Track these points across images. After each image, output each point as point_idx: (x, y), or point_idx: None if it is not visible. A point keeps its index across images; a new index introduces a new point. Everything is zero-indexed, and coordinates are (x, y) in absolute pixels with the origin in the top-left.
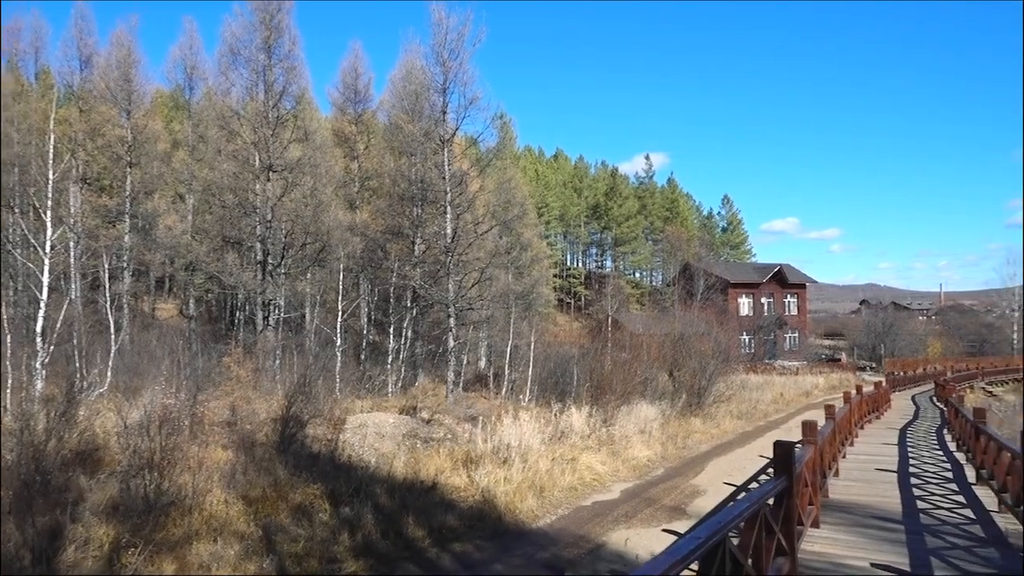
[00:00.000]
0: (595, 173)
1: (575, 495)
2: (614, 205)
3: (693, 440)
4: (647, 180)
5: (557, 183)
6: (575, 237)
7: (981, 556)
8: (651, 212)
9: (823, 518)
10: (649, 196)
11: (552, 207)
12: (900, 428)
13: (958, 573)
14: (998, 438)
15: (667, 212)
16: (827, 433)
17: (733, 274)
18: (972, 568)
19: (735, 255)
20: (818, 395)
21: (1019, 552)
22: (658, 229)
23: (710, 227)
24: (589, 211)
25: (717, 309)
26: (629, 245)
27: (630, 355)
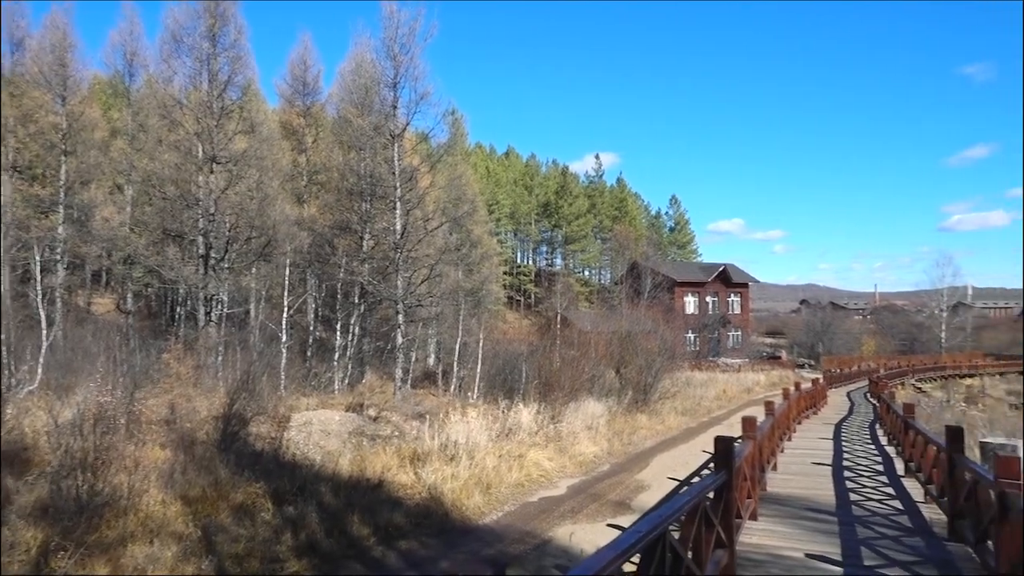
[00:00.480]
0: (546, 171)
1: (522, 491)
2: (564, 204)
3: (639, 436)
4: (597, 179)
5: (508, 181)
6: (525, 235)
7: (908, 545)
8: (601, 211)
9: (761, 511)
10: (599, 195)
11: (503, 205)
12: (835, 423)
13: (886, 562)
14: (925, 432)
15: (616, 211)
16: (766, 429)
17: (680, 273)
18: (899, 557)
19: (682, 255)
20: (759, 392)
21: (943, 540)
22: (607, 228)
23: (658, 227)
24: (540, 209)
25: (664, 307)
26: (579, 243)
27: (578, 352)
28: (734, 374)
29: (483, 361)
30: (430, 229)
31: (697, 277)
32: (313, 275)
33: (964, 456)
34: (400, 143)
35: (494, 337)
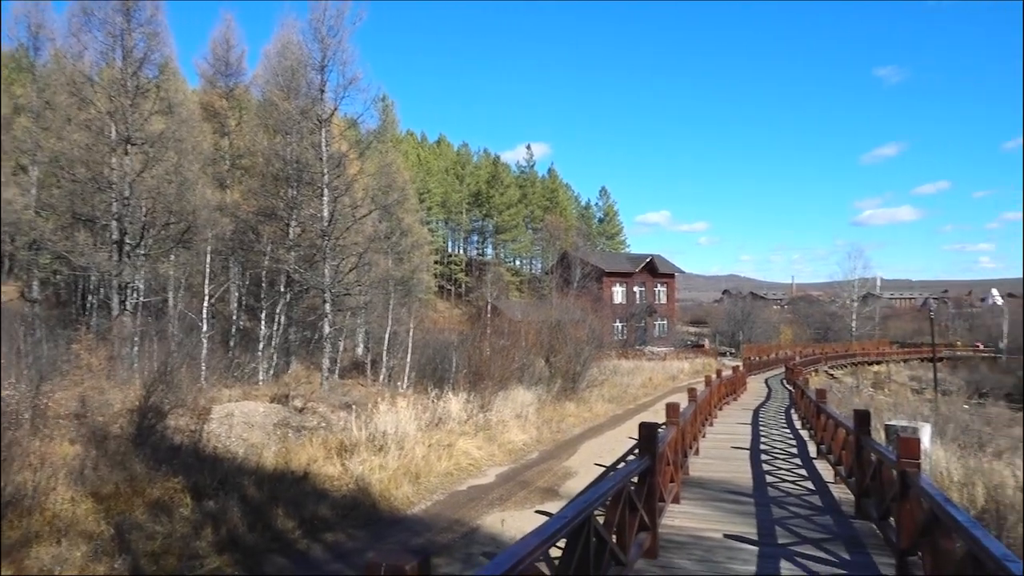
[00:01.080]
0: (477, 161)
1: (451, 480)
2: (496, 193)
3: (567, 423)
4: (528, 169)
5: (439, 169)
6: (457, 224)
7: (818, 523)
8: (532, 201)
9: (683, 494)
10: (530, 185)
11: (434, 193)
12: (754, 409)
13: (798, 539)
14: (835, 416)
15: (547, 202)
16: (689, 415)
17: (608, 263)
18: (810, 534)
19: (611, 245)
20: (683, 379)
21: (850, 518)
22: (538, 218)
23: (588, 217)
24: (471, 198)
25: (592, 297)
26: (510, 233)
27: (509, 341)
28: (660, 362)
29: (413, 350)
30: (359, 217)
31: (625, 267)
32: (236, 263)
33: (870, 438)
34: (328, 128)
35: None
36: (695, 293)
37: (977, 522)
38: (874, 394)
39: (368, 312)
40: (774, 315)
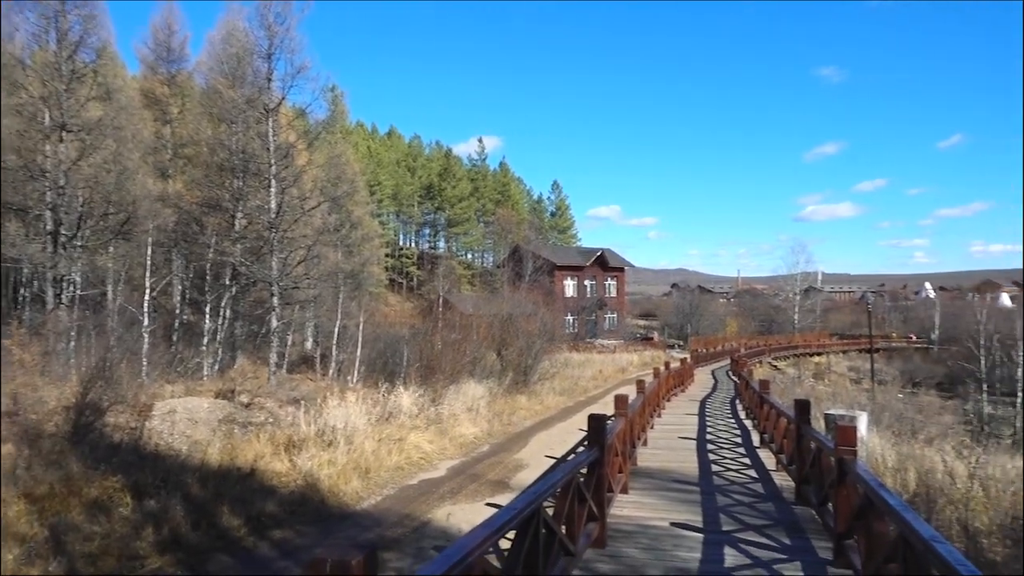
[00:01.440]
0: (429, 153)
1: (402, 474)
2: (447, 186)
3: (518, 416)
4: (480, 163)
5: (390, 161)
6: (408, 217)
7: (760, 510)
8: (484, 194)
9: (632, 484)
10: (482, 179)
11: (385, 185)
12: (701, 400)
13: (741, 526)
14: (777, 406)
15: (499, 195)
16: (637, 406)
17: (559, 257)
18: (752, 521)
19: (562, 239)
20: (633, 371)
21: (791, 505)
22: (490, 212)
23: (539, 211)
24: (423, 191)
25: (544, 290)
26: (462, 226)
27: (460, 335)
28: (610, 355)
29: (363, 344)
30: (307, 209)
31: (576, 261)
32: (179, 255)
33: (810, 427)
34: (275, 118)
35: (375, 320)
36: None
37: (908, 506)
38: (815, 384)
39: (317, 306)
40: (721, 308)
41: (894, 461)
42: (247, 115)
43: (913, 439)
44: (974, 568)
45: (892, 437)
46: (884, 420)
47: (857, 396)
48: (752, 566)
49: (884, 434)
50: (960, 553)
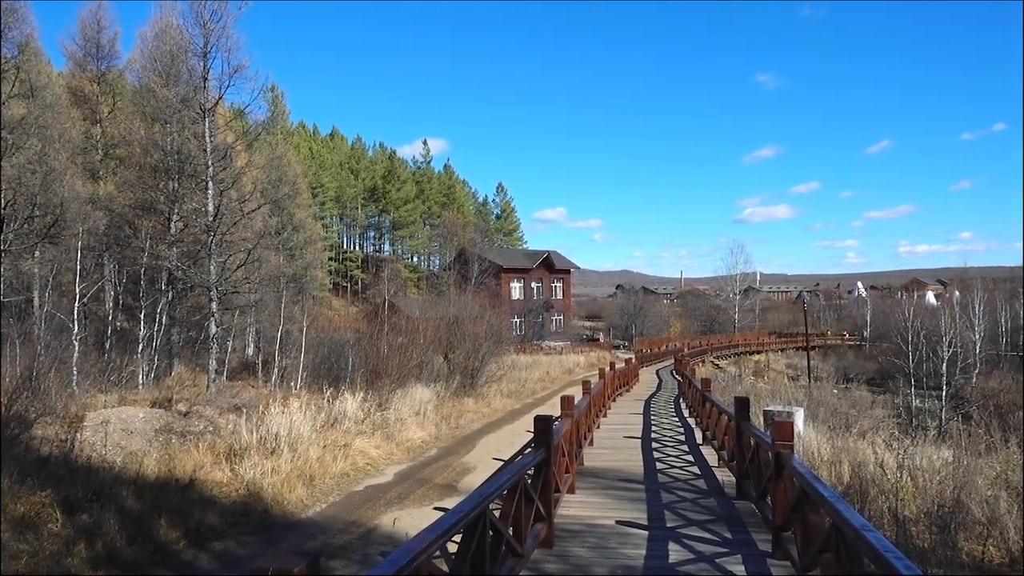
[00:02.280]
0: (373, 155)
1: (348, 481)
2: (392, 188)
3: (466, 419)
4: (425, 165)
5: (333, 163)
6: (352, 219)
7: (703, 506)
8: (429, 197)
9: (578, 484)
10: (427, 181)
11: (328, 188)
12: (646, 399)
13: (684, 522)
14: (718, 404)
15: (444, 198)
16: (583, 407)
17: (506, 260)
18: (695, 516)
19: (508, 241)
20: (579, 372)
21: (732, 499)
22: (435, 214)
23: (485, 214)
24: (367, 193)
25: (490, 293)
26: (407, 229)
27: (406, 339)
28: (557, 356)
29: (307, 350)
30: (247, 211)
31: (522, 263)
32: (112, 259)
33: (750, 423)
34: (212, 118)
35: (319, 325)
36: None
37: (840, 496)
38: (755, 382)
39: (258, 310)
40: (664, 309)
41: (829, 454)
42: (182, 115)
43: (847, 433)
44: (901, 554)
45: (827, 431)
46: (820, 415)
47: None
48: (695, 561)
49: (820, 428)
50: (889, 541)
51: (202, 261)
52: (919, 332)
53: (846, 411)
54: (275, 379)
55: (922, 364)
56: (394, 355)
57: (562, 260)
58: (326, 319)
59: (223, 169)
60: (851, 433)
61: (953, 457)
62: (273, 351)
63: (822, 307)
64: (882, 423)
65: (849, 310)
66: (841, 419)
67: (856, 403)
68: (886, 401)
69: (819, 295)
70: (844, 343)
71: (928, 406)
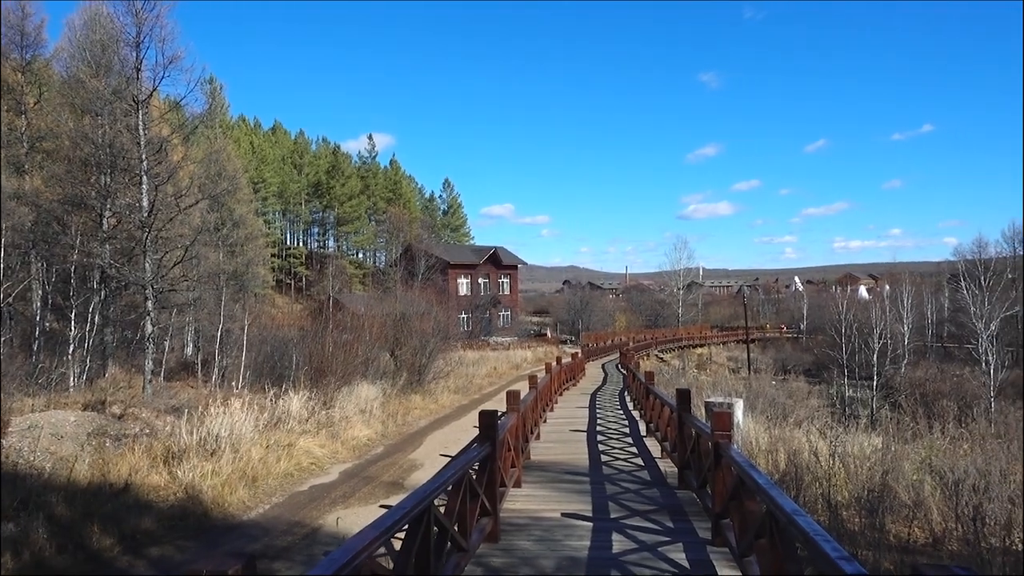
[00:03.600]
0: (316, 150)
1: (291, 481)
2: (336, 184)
3: (413, 416)
4: (370, 160)
5: (275, 158)
6: (295, 215)
7: (646, 496)
8: (374, 192)
9: (525, 478)
10: (372, 176)
11: (270, 183)
12: (592, 393)
13: (628, 512)
14: (661, 396)
15: (390, 193)
16: (529, 401)
17: (453, 256)
18: (638, 507)
19: (455, 237)
20: (527, 367)
21: (674, 489)
22: (381, 210)
23: (432, 209)
24: (310, 189)
25: (437, 289)
26: (352, 225)
27: (352, 336)
28: (504, 352)
29: (249, 348)
30: (184, 207)
31: (470, 260)
32: (39, 257)
33: (691, 415)
34: (146, 110)
35: (262, 323)
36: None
37: (774, 484)
38: (698, 375)
39: (197, 309)
40: (610, 304)
41: (767, 443)
42: (114, 107)
43: (784, 422)
44: (829, 537)
45: (766, 421)
46: (759, 406)
47: (735, 384)
48: (638, 550)
49: (759, 419)
50: (819, 525)
51: (137, 258)
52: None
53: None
54: (215, 379)
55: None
56: (339, 352)
57: (509, 256)
58: (269, 317)
59: (158, 163)
60: (788, 423)
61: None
62: (213, 351)
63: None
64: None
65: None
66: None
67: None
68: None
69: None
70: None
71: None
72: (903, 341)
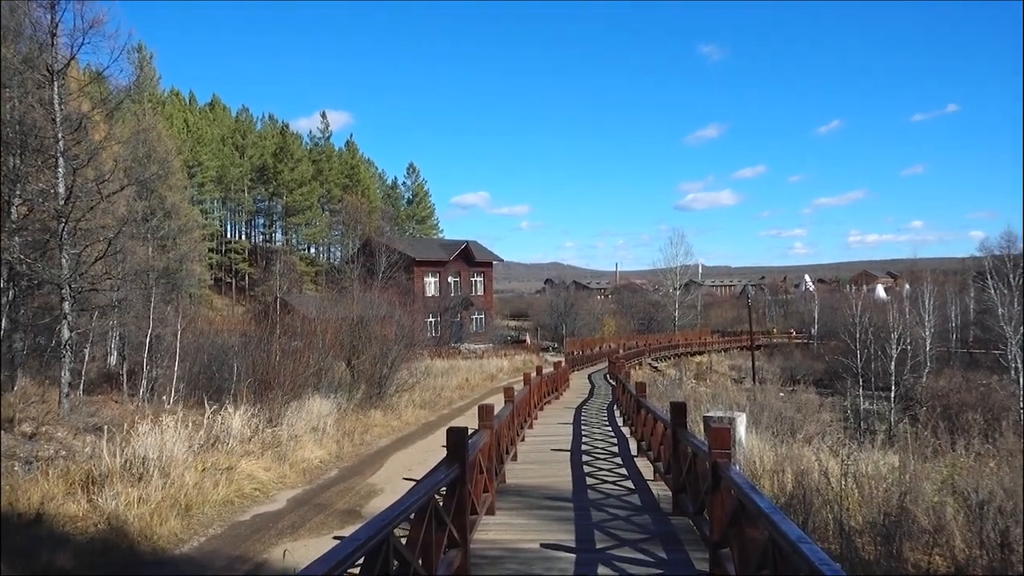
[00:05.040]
0: (262, 129)
1: (232, 510)
2: (284, 168)
3: (373, 434)
4: (324, 141)
5: (214, 138)
6: (237, 204)
7: (637, 523)
8: (328, 178)
9: (499, 504)
10: (326, 160)
11: (208, 167)
12: (576, 407)
13: (616, 542)
14: (654, 411)
15: (346, 179)
16: (504, 417)
17: (419, 251)
18: (628, 536)
19: (421, 230)
20: (503, 378)
21: (668, 516)
22: (336, 198)
23: (395, 198)
24: (255, 174)
25: (401, 289)
26: (303, 215)
27: (303, 343)
28: (477, 360)
29: (183, 357)
30: (107, 193)
31: (438, 255)
32: None
33: (686, 431)
34: (63, 82)
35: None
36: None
37: (776, 508)
38: (696, 386)
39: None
40: (598, 306)
41: (772, 462)
42: (25, 77)
43: (792, 439)
44: (837, 568)
45: (771, 438)
46: (764, 421)
47: (738, 397)
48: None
49: (763, 435)
50: (825, 553)
51: (52, 253)
52: (867, 329)
53: (791, 416)
54: (144, 392)
55: (871, 363)
56: (288, 362)
57: (483, 251)
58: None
59: (77, 143)
60: (796, 439)
61: (900, 462)
62: (141, 360)
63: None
64: (829, 428)
65: (796, 305)
66: (786, 424)
67: (802, 407)
68: (834, 404)
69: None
70: (791, 342)
71: (877, 408)
72: (924, 347)
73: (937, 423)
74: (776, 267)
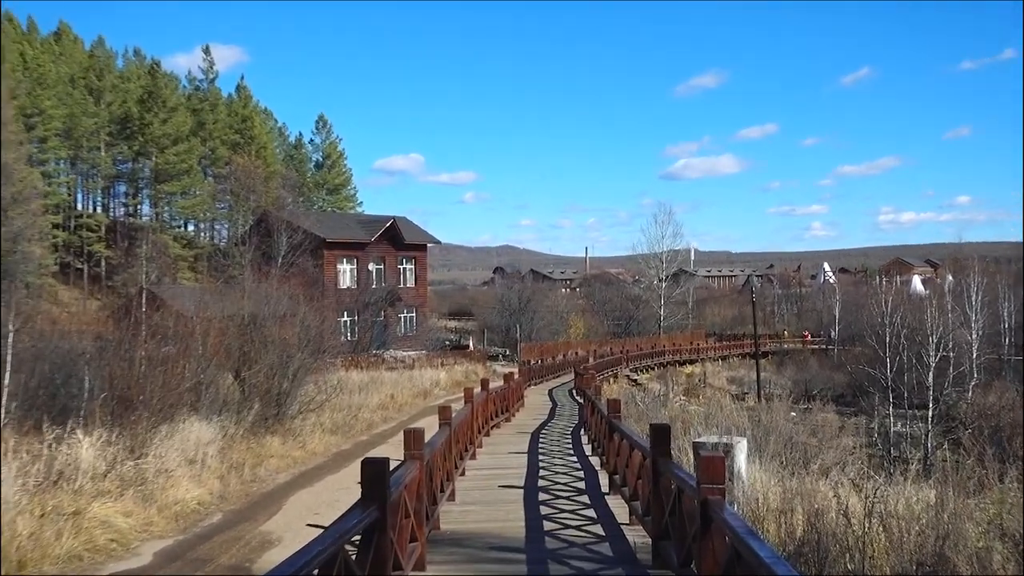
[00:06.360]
0: (124, 68)
1: (80, 567)
2: (155, 119)
3: (268, 468)
4: (207, 85)
5: (60, 79)
6: (91, 166)
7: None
8: (213, 133)
9: (431, 556)
10: (210, 109)
11: (52, 116)
12: (533, 431)
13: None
14: (630, 436)
15: (236, 135)
16: (439, 444)
17: (331, 229)
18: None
19: (334, 202)
20: (439, 394)
21: (646, 569)
22: (223, 160)
23: (300, 159)
24: (115, 126)
25: (308, 279)
26: (178, 182)
27: (177, 348)
28: (406, 371)
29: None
30: None
31: (356, 235)
32: None
33: (670, 461)
34: None
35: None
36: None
37: (781, 558)
38: (685, 403)
39: None
40: (563, 301)
41: (778, 500)
42: None
43: (804, 470)
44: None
45: (779, 469)
46: (770, 447)
47: (737, 417)
48: None
49: (769, 465)
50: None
51: None
52: (900, 331)
53: (805, 441)
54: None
55: (904, 374)
56: (156, 373)
57: (415, 231)
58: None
59: None
60: (810, 471)
61: (937, 498)
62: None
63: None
64: (851, 456)
65: (813, 301)
66: (798, 452)
67: (819, 429)
68: (858, 425)
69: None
70: (806, 347)
71: (911, 430)
72: (970, 353)
73: (984, 449)
74: (788, 253)
